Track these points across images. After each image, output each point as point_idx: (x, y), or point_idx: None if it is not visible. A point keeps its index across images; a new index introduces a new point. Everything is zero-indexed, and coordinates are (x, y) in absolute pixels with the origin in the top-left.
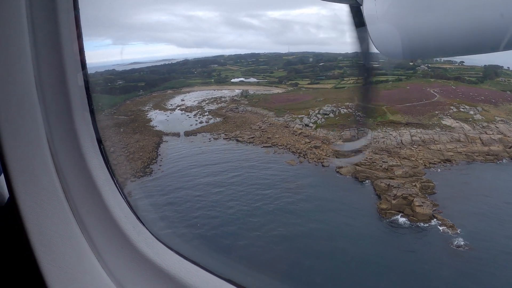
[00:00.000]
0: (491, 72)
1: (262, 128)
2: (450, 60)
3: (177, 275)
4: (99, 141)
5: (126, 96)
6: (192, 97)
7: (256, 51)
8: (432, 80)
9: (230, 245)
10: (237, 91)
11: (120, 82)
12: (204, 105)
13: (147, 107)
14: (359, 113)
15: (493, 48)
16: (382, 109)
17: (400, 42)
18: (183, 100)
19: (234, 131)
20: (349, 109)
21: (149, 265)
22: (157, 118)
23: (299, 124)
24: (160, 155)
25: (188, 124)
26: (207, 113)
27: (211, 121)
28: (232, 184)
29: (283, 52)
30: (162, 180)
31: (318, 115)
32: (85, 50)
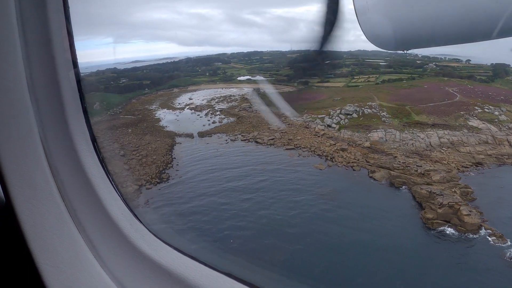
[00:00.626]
0: (501, 70)
1: (281, 128)
2: (456, 58)
3: (176, 270)
4: (93, 140)
5: (131, 95)
6: (200, 96)
7: (259, 49)
8: (445, 79)
9: (270, 260)
10: (246, 89)
11: (124, 80)
12: (214, 104)
13: (154, 106)
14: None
15: (486, 35)
16: (406, 109)
17: (392, 32)
18: (191, 99)
19: (251, 132)
20: (372, 109)
21: (148, 261)
22: (166, 117)
23: (321, 125)
24: (175, 158)
25: (200, 124)
26: (218, 113)
27: (225, 121)
28: (260, 190)
29: (284, 50)
30: (181, 186)
31: (340, 115)
32: (85, 49)
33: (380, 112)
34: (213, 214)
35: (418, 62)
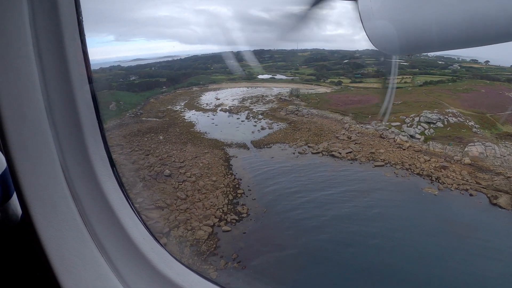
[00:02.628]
0: None
1: (352, 138)
2: (474, 59)
3: None
4: (112, 164)
5: (148, 93)
6: (226, 95)
7: (264, 48)
8: (487, 82)
9: None
10: (275, 89)
11: (133, 78)
12: (250, 105)
13: (178, 107)
14: None
15: (490, 39)
16: (488, 118)
17: (396, 38)
18: (219, 99)
19: (319, 142)
20: (458, 118)
21: (171, 286)
22: (200, 121)
23: (403, 135)
24: (240, 179)
25: (246, 130)
26: (261, 116)
27: (275, 127)
28: (381, 225)
29: (289, 48)
30: (271, 223)
31: (422, 124)
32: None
33: (467, 121)
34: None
35: (440, 62)
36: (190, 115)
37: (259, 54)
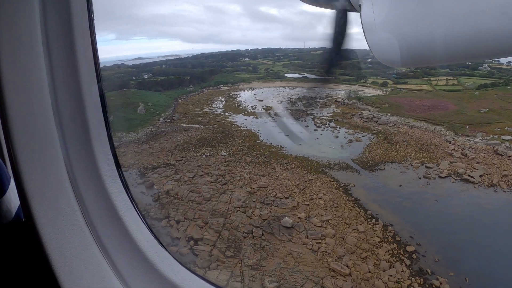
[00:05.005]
0: None
1: (468, 155)
2: (498, 61)
3: None
4: (117, 166)
5: (173, 93)
6: (266, 96)
7: (271, 47)
8: None
9: None
10: (317, 89)
11: (147, 76)
12: (307, 109)
13: (218, 110)
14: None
15: (495, 54)
16: None
17: (398, 50)
18: (261, 100)
19: (432, 161)
20: None
21: None
22: (260, 128)
23: None
24: (390, 224)
25: (330, 141)
26: (333, 124)
27: (363, 138)
28: None
29: (296, 47)
30: None
31: None
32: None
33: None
34: None
35: (467, 63)
36: (241, 120)
37: (272, 52)
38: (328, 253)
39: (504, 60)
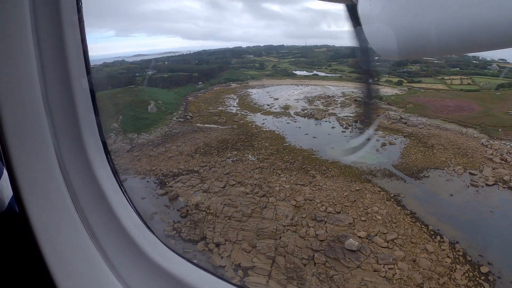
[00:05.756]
0: None
1: (509, 161)
2: (504, 59)
3: (188, 281)
4: (106, 151)
5: (182, 90)
6: (281, 94)
7: (273, 44)
8: None
9: None
10: (332, 87)
11: (150, 73)
12: (326, 108)
13: (233, 108)
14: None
15: (492, 45)
16: None
17: (395, 42)
18: (277, 98)
19: (473, 166)
20: None
21: (161, 272)
22: (285, 129)
23: None
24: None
25: (362, 146)
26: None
27: (396, 141)
28: None
29: (295, 45)
30: None
31: None
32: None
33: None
34: None
35: (475, 62)
36: (260, 120)
37: (275, 50)
38: (404, 281)
39: (510, 59)
